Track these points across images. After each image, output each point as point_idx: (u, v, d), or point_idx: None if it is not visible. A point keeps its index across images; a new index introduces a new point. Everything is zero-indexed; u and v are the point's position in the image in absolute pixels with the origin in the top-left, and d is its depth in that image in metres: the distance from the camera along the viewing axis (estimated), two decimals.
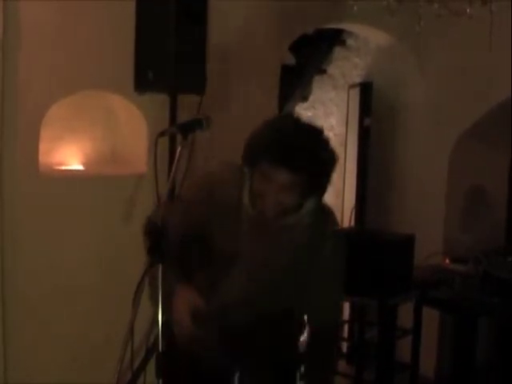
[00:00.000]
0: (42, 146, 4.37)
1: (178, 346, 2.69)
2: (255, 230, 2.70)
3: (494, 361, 5.33)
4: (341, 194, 6.39)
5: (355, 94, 6.17)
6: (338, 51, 6.91)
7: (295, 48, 5.98)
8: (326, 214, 2.85)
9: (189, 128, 2.69)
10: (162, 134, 2.82)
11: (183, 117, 4.16)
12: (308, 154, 2.53)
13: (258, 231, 2.70)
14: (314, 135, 2.62)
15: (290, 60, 6.35)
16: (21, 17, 4.12)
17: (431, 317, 5.26)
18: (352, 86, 6.36)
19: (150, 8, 4.06)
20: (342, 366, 5.73)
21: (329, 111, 7.00)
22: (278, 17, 4.83)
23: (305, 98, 7.12)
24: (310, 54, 6.88)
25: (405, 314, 5.11)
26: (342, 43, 6.85)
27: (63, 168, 4.62)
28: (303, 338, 2.50)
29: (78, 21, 4.27)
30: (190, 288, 2.65)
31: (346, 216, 6.04)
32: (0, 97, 4.09)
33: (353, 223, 5.77)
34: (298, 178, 2.54)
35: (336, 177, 6.52)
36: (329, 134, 6.80)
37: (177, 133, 2.77)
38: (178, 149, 2.54)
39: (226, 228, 2.72)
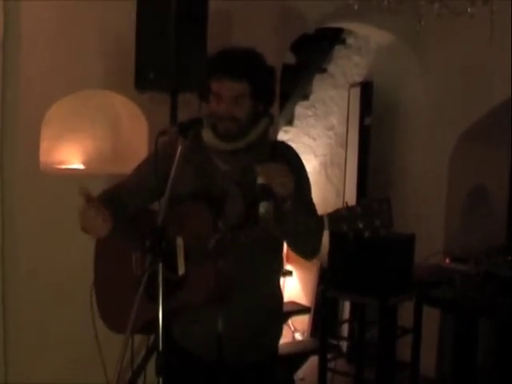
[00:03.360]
0: (43, 145, 4.38)
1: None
2: (230, 159, 2.79)
3: (495, 360, 5.33)
4: (341, 193, 6.39)
5: (356, 93, 6.17)
6: (338, 50, 6.90)
7: (296, 47, 5.98)
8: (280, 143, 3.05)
9: (189, 127, 2.69)
10: (162, 132, 2.82)
11: (184, 116, 4.18)
12: (247, 63, 2.77)
13: (233, 160, 2.79)
14: (250, 50, 2.89)
15: (291, 59, 6.35)
16: (21, 16, 4.13)
17: (431, 316, 5.26)
18: (353, 85, 6.36)
19: (150, 7, 4.07)
20: (343, 364, 5.74)
21: (329, 110, 7.00)
22: (278, 16, 4.83)
23: (305, 97, 7.12)
24: (311, 52, 6.88)
25: (405, 314, 5.11)
26: (342, 42, 6.85)
27: (64, 167, 4.63)
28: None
29: (79, 20, 4.27)
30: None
31: None
32: (1, 95, 4.10)
33: None
34: (242, 87, 2.71)
35: (336, 176, 6.55)
36: (329, 133, 6.86)
37: (177, 132, 2.77)
38: (179, 148, 2.54)
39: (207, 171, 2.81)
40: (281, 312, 3.02)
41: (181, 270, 2.65)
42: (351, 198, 6.12)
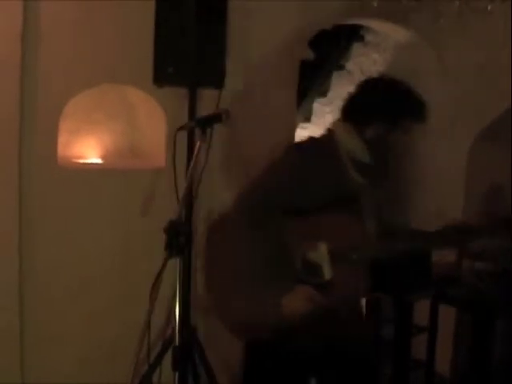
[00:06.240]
0: (61, 139, 4.39)
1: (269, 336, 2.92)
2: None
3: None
4: None
5: None
6: (356, 47, 6.88)
7: (314, 43, 5.96)
8: None
9: (208, 122, 2.69)
10: (181, 128, 2.84)
11: (202, 111, 4.18)
12: None
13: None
14: None
15: (309, 55, 6.34)
16: (41, 10, 4.14)
17: (447, 314, 5.24)
18: None
19: (170, 1, 4.07)
20: None
21: None
22: (297, 12, 4.82)
23: (323, 94, 7.11)
24: (329, 49, 6.86)
25: (420, 312, 5.09)
26: (361, 39, 6.83)
27: (82, 161, 4.64)
28: None
29: (99, 14, 4.28)
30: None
31: None
32: (19, 89, 4.11)
33: None
34: None
35: None
36: None
37: (196, 127, 2.78)
38: (197, 143, 2.55)
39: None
40: None
41: (327, 275, 2.83)
42: None
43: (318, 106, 7.12)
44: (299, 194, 2.90)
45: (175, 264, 2.59)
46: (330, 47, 6.84)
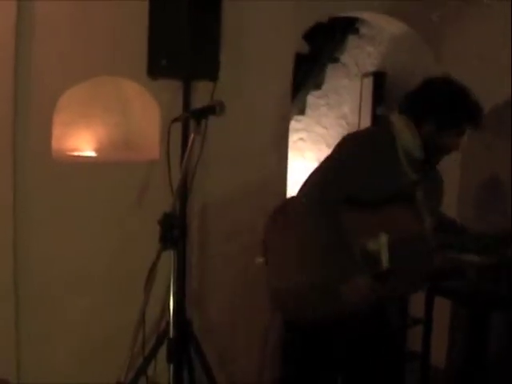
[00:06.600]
0: (55, 132, 4.38)
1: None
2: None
3: (507, 353, 5.30)
4: None
5: (368, 83, 6.14)
6: (351, 40, 6.87)
7: (309, 36, 5.96)
8: None
9: (202, 114, 2.69)
10: (175, 120, 2.84)
11: (196, 103, 4.17)
12: None
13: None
14: None
15: (304, 48, 6.33)
16: (35, 2, 4.12)
17: (442, 306, 5.24)
18: (365, 75, 6.33)
19: None
20: None
21: (342, 100, 6.98)
22: (292, 4, 4.81)
23: (318, 86, 7.11)
24: (324, 42, 6.85)
25: (416, 303, 5.10)
26: (356, 32, 6.82)
27: (76, 154, 4.63)
28: None
29: (92, 6, 4.26)
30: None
31: None
32: (13, 82, 4.09)
33: None
34: None
35: None
36: (341, 122, 6.84)
37: (190, 119, 2.77)
38: (191, 135, 2.54)
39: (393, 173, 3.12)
40: None
41: (385, 264, 2.96)
42: None
43: (312, 98, 7.11)
44: (356, 184, 2.99)
45: (170, 257, 2.58)
46: (325, 40, 6.82)
